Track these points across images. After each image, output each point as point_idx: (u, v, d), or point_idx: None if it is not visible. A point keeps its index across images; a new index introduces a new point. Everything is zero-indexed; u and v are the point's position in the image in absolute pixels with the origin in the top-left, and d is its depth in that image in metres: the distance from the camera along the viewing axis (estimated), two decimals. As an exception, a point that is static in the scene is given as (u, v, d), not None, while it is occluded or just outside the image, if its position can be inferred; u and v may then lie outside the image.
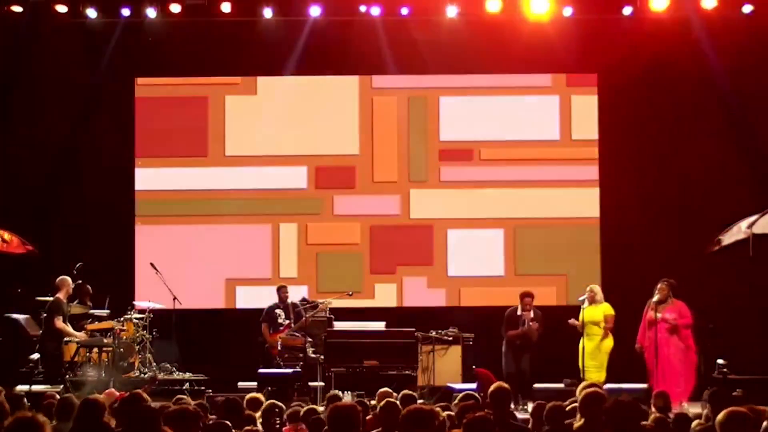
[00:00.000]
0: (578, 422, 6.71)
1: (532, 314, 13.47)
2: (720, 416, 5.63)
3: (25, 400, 8.80)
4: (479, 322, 14.30)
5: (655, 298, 12.95)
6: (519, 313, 13.50)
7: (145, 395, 7.20)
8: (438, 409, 7.42)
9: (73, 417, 6.76)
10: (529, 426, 7.64)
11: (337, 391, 11.07)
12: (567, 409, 7.32)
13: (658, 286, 13.01)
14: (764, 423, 5.50)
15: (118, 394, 9.14)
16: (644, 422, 6.70)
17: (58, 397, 8.72)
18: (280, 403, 8.13)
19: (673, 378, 12.78)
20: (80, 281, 13.88)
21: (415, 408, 6.00)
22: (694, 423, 6.41)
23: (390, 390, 9.12)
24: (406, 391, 8.84)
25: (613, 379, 12.75)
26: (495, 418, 6.79)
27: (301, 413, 8.00)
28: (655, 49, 15.20)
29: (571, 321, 13.38)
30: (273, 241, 15.72)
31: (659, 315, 12.90)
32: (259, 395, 8.86)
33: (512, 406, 10.02)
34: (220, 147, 15.76)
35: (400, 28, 15.34)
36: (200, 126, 15.77)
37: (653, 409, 8.58)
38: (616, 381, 12.46)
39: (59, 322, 13.06)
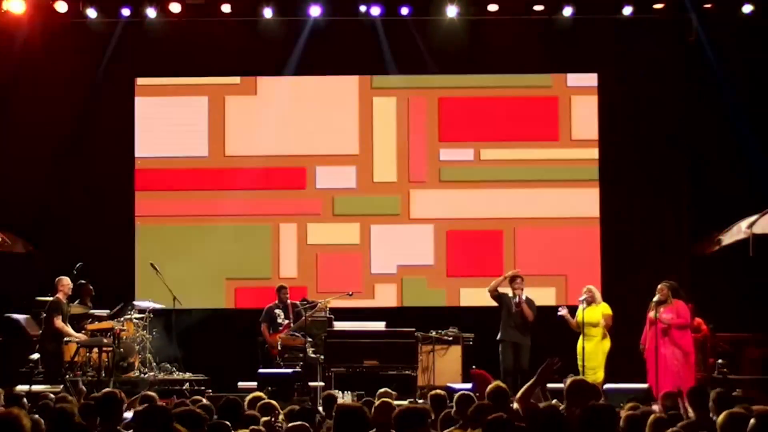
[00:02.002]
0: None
1: (524, 296, 13.44)
2: (720, 418, 5.62)
3: (25, 399, 8.80)
4: (479, 322, 14.29)
5: (656, 298, 12.94)
6: (511, 294, 13.48)
7: (121, 395, 7.18)
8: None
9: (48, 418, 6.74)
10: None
11: (333, 391, 10.98)
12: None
13: (659, 286, 13.00)
14: (752, 421, 5.48)
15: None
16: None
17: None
18: (275, 403, 8.09)
19: (670, 378, 12.74)
20: (82, 281, 13.89)
21: (408, 407, 6.00)
22: (682, 423, 6.44)
23: (390, 390, 9.09)
24: (437, 391, 8.60)
25: (613, 379, 12.73)
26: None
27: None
28: (655, 49, 15.22)
29: (563, 312, 13.31)
30: (273, 241, 15.71)
31: (658, 315, 12.89)
32: (261, 393, 8.80)
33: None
34: (220, 147, 15.76)
35: (400, 28, 15.34)
36: (200, 126, 15.77)
37: (658, 408, 8.56)
38: (617, 381, 12.45)
39: (58, 322, 13.06)
